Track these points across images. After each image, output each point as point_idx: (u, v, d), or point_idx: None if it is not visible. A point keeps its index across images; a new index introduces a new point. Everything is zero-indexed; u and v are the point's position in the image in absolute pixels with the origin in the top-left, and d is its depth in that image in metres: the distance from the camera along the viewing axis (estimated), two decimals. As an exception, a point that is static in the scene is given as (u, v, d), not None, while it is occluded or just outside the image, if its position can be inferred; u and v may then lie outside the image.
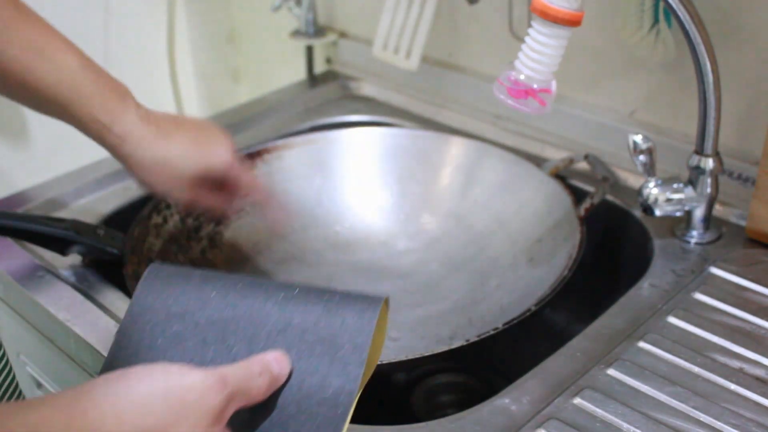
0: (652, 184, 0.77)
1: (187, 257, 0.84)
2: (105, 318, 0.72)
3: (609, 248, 0.88)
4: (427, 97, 1.07)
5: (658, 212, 0.77)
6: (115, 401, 0.45)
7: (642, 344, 0.66)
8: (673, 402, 0.60)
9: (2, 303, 0.83)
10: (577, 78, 0.94)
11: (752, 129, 0.81)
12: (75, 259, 0.79)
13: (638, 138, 0.74)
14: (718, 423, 0.58)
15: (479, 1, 0.97)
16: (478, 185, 0.91)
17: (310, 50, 1.18)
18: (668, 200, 0.77)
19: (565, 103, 0.94)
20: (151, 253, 0.80)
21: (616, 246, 0.88)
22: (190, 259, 0.84)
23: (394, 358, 0.64)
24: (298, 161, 0.92)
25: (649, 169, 0.75)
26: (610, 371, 0.63)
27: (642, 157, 0.75)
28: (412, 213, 0.93)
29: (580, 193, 0.85)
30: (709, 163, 0.76)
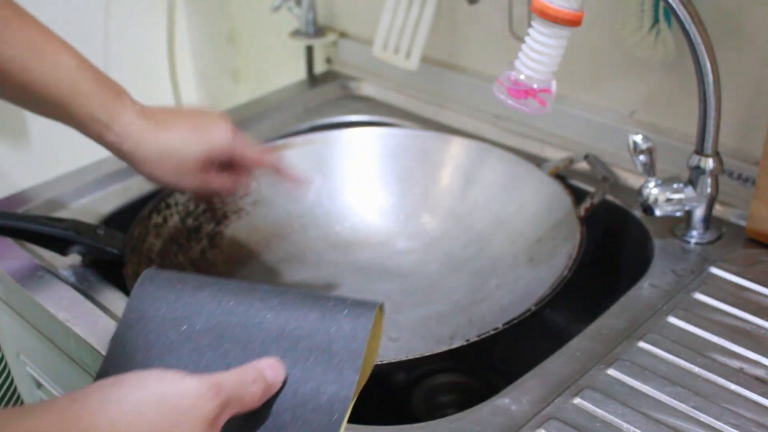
0: (652, 184, 0.77)
1: (187, 257, 0.84)
2: (105, 318, 0.72)
3: (609, 248, 0.88)
4: (427, 97, 1.07)
5: (658, 212, 0.77)
6: (109, 408, 0.45)
7: (642, 344, 0.66)
8: (673, 402, 0.60)
9: (2, 303, 0.83)
10: (577, 78, 0.93)
11: (752, 129, 0.81)
12: (75, 259, 0.79)
13: (638, 138, 0.74)
14: (718, 423, 0.58)
15: (479, 1, 0.97)
16: (478, 185, 0.91)
17: (310, 50, 1.18)
18: (668, 200, 0.77)
19: (565, 103, 0.94)
20: (151, 253, 0.80)
21: (616, 246, 0.88)
22: (190, 259, 0.84)
23: (394, 358, 0.64)
24: (298, 161, 0.92)
25: (649, 169, 0.75)
26: (610, 371, 0.63)
27: (642, 157, 0.75)
28: (412, 213, 0.93)
29: (580, 193, 0.85)
30: (709, 163, 0.76)
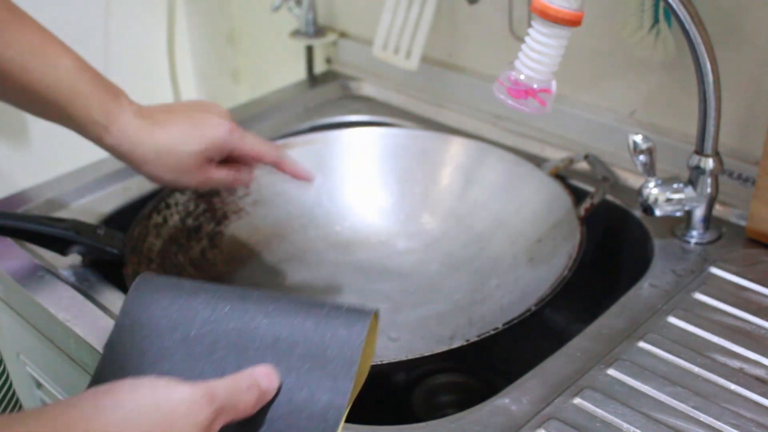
0: (652, 184, 0.77)
1: (187, 257, 0.84)
2: (105, 318, 0.72)
3: (609, 248, 0.88)
4: (426, 97, 1.07)
5: (658, 212, 0.77)
6: (104, 415, 0.45)
7: (642, 344, 0.66)
8: (673, 402, 0.60)
9: (2, 303, 0.83)
10: (577, 78, 0.93)
11: (752, 129, 0.81)
12: (75, 259, 0.79)
13: (638, 138, 0.74)
14: (718, 423, 0.58)
15: (479, 1, 0.97)
16: (478, 185, 0.91)
17: (310, 50, 1.18)
18: (668, 200, 0.77)
19: (565, 103, 0.94)
20: (151, 253, 0.80)
21: (616, 246, 0.88)
22: (190, 259, 0.84)
23: (394, 358, 0.64)
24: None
25: (649, 169, 0.75)
26: (610, 371, 0.63)
27: (642, 157, 0.75)
28: (412, 213, 0.93)
29: (580, 193, 0.85)
30: (709, 163, 0.76)
